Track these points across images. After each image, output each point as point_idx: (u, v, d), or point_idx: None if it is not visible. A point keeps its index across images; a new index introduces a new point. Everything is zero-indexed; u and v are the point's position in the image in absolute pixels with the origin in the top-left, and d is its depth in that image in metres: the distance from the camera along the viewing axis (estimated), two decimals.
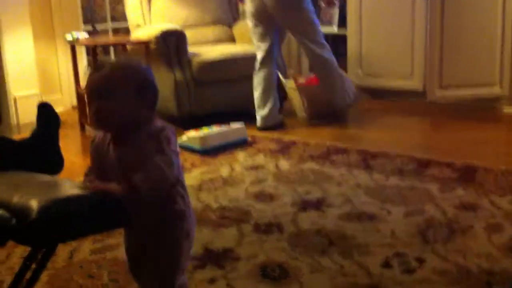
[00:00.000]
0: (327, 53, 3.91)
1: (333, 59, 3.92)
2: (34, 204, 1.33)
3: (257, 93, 3.92)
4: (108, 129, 1.44)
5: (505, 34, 4.05)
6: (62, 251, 2.15)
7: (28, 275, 1.62)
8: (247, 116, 4.00)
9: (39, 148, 1.88)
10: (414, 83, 4.47)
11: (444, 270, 1.93)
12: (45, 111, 1.95)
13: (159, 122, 1.46)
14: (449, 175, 2.85)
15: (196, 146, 3.40)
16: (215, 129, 3.52)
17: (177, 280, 1.49)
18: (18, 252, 2.16)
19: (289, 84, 4.19)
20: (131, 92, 1.40)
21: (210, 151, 3.38)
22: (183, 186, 1.49)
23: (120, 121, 1.40)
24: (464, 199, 2.54)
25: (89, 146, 1.52)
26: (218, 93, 4.08)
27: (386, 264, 1.99)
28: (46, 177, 1.62)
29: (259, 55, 3.92)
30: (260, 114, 3.91)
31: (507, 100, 4.15)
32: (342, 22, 4.92)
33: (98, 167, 1.47)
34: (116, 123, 1.41)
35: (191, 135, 3.47)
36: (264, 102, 3.91)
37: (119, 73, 1.41)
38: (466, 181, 2.75)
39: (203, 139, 3.40)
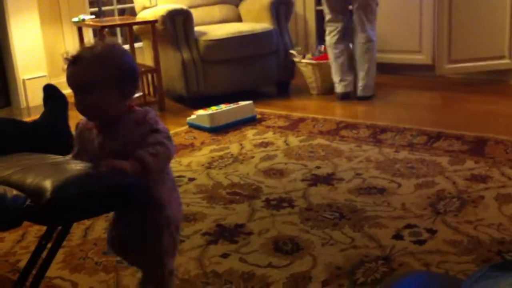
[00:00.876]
0: (375, 36, 3.95)
1: (376, 44, 3.96)
2: (48, 184, 1.35)
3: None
4: (91, 119, 1.46)
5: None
6: (77, 229, 2.18)
7: (43, 254, 1.65)
8: (255, 94, 4.00)
9: (50, 129, 1.89)
10: (423, 57, 4.44)
11: (455, 240, 1.95)
12: (51, 92, 1.97)
13: (137, 107, 1.47)
14: (459, 147, 2.85)
15: (205, 124, 3.41)
16: (223, 107, 3.53)
17: (166, 266, 1.51)
18: (33, 232, 2.20)
19: (301, 60, 4.18)
20: (111, 85, 1.41)
21: (219, 128, 3.39)
22: (168, 173, 1.51)
23: (102, 113, 1.42)
24: (475, 171, 2.53)
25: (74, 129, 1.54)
26: (226, 73, 4.08)
27: (397, 236, 2.01)
28: (58, 158, 1.63)
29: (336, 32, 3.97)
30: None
31: None
32: None
33: (81, 151, 1.50)
34: (98, 115, 1.43)
35: (200, 113, 3.48)
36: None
37: (97, 67, 1.40)
38: (476, 154, 2.75)
39: (212, 116, 3.41)
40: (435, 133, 3.08)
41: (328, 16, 4.03)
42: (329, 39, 4.01)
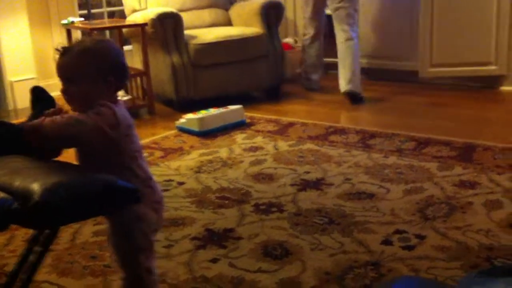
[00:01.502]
0: (356, 36, 4.09)
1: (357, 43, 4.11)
2: (36, 187, 1.34)
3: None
4: (76, 109, 1.47)
5: (500, 12, 4.03)
6: (64, 233, 2.16)
7: (31, 257, 1.63)
8: (245, 99, 4.00)
9: None
10: (411, 64, 4.46)
11: (444, 246, 1.95)
12: (38, 94, 1.95)
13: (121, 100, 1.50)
14: (448, 153, 2.86)
15: (195, 128, 3.40)
16: (213, 111, 3.52)
17: (142, 264, 1.51)
18: (20, 235, 2.17)
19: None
20: (96, 77, 1.43)
21: (208, 132, 3.38)
22: (138, 166, 1.50)
23: (86, 103, 1.43)
24: (463, 177, 2.55)
25: None
26: (216, 77, 4.07)
27: (386, 241, 2.01)
28: (46, 161, 1.62)
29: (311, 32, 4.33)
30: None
31: (504, 79, 4.15)
32: None
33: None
34: (82, 105, 1.44)
35: (189, 117, 3.47)
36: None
37: (84, 59, 1.42)
38: (465, 160, 2.76)
39: (201, 120, 3.40)
40: (423, 139, 3.10)
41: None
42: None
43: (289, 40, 4.83)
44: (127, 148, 1.48)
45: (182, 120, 3.50)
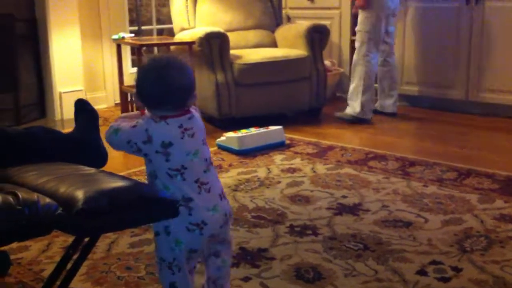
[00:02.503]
0: (359, 59, 4.20)
1: (363, 68, 4.16)
2: (80, 194, 1.38)
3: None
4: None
5: None
6: (101, 243, 2.21)
7: (68, 265, 1.68)
8: (286, 119, 4.02)
9: (83, 141, 1.94)
10: (456, 92, 4.41)
11: (481, 280, 1.91)
12: (82, 106, 2.02)
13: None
14: (489, 186, 2.81)
15: (234, 146, 3.44)
16: (253, 130, 3.55)
17: (165, 277, 1.59)
18: (58, 242, 2.23)
19: None
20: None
21: (247, 152, 3.41)
22: (174, 184, 1.53)
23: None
24: (504, 210, 2.49)
25: None
26: (258, 96, 4.11)
27: (422, 272, 1.98)
28: (91, 170, 1.67)
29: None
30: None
31: None
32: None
33: None
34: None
35: (229, 136, 3.51)
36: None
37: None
38: (506, 193, 2.70)
39: (241, 139, 3.43)
40: (465, 169, 3.05)
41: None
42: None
43: (326, 63, 4.84)
44: (161, 165, 1.53)
45: (222, 138, 3.54)
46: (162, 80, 1.53)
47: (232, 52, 4.11)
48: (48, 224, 1.36)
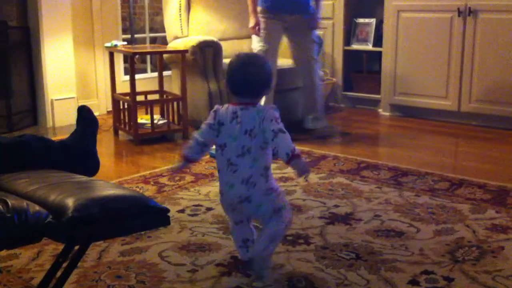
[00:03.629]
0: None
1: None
2: (70, 202, 1.38)
3: None
4: None
5: None
6: (91, 251, 2.19)
7: (58, 273, 1.66)
8: None
9: (76, 149, 1.93)
10: (448, 103, 4.44)
11: None
12: (83, 114, 2.02)
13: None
14: (481, 196, 2.81)
15: None
16: None
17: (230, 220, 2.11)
18: (49, 250, 2.21)
19: None
20: None
21: None
22: (218, 156, 2.00)
23: None
24: (496, 221, 2.50)
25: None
26: None
27: (414, 281, 1.98)
28: (82, 177, 1.66)
29: None
30: None
31: None
32: (378, 40, 4.93)
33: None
34: None
35: None
36: None
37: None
38: (498, 203, 2.71)
39: None
40: (457, 179, 3.06)
41: None
42: None
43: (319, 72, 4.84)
44: (216, 140, 1.99)
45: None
46: (243, 72, 1.95)
47: (226, 61, 4.11)
48: (38, 232, 1.35)
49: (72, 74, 4.53)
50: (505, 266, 2.08)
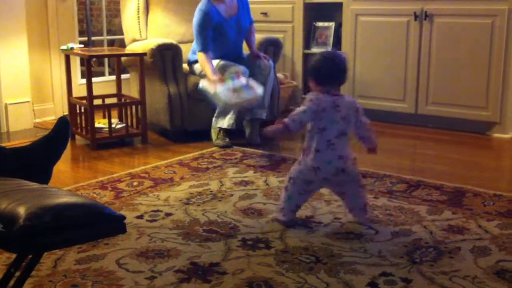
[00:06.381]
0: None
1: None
2: (22, 210, 1.33)
3: None
4: None
5: (492, 62, 4.10)
6: (47, 259, 2.13)
7: (11, 282, 1.61)
8: (240, 133, 4.01)
9: (32, 157, 1.87)
10: (406, 106, 4.52)
11: None
12: (60, 126, 1.95)
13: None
14: (438, 197, 2.86)
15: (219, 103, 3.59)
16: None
17: (284, 192, 2.56)
18: (2, 259, 2.14)
19: None
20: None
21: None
22: (312, 138, 2.44)
23: None
24: (452, 221, 2.54)
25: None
26: (211, 109, 4.08)
27: (372, 284, 1.99)
28: (35, 185, 1.61)
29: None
30: None
31: (497, 126, 4.20)
32: (337, 43, 4.97)
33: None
34: None
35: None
36: None
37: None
38: (454, 204, 2.76)
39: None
40: (414, 181, 3.10)
41: None
42: None
43: (279, 76, 4.87)
44: (314, 124, 2.39)
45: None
46: (332, 64, 2.42)
47: (185, 65, 4.08)
48: None
49: (26, 77, 4.42)
50: (462, 266, 2.12)
